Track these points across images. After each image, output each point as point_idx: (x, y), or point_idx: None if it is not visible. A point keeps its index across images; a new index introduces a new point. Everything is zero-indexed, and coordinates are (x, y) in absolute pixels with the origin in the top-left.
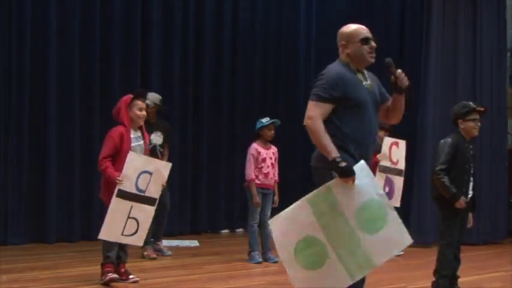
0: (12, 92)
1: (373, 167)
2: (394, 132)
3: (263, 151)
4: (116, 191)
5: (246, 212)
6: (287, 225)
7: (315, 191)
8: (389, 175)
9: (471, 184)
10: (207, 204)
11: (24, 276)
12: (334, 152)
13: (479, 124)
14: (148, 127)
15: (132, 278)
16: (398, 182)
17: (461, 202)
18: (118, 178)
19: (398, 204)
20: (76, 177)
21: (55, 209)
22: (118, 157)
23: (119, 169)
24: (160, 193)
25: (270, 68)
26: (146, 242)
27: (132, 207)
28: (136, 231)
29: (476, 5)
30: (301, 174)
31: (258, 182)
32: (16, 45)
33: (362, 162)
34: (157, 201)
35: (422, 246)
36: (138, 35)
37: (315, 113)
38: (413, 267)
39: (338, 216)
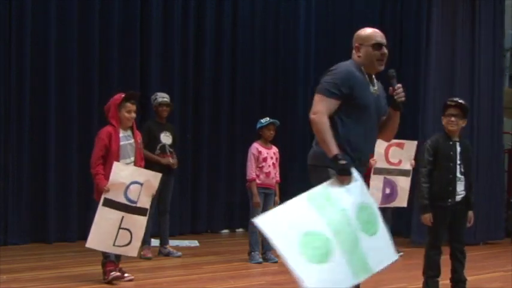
0: (11, 92)
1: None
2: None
3: (264, 150)
4: (101, 199)
5: (246, 212)
6: (285, 222)
7: (312, 189)
8: (388, 176)
9: (461, 183)
10: (207, 204)
11: (24, 276)
12: (335, 149)
13: (453, 119)
14: (158, 126)
15: (127, 276)
16: (403, 182)
17: (426, 218)
18: (105, 188)
19: (405, 204)
20: (76, 177)
21: (55, 209)
22: (108, 157)
23: (109, 170)
24: (150, 203)
25: (270, 68)
26: (144, 242)
27: (123, 217)
28: (130, 242)
29: (475, 7)
30: (301, 175)
31: (259, 182)
32: (16, 45)
33: (353, 169)
34: (148, 211)
35: (423, 246)
36: (138, 34)
37: (322, 108)
38: (413, 267)
39: (341, 212)
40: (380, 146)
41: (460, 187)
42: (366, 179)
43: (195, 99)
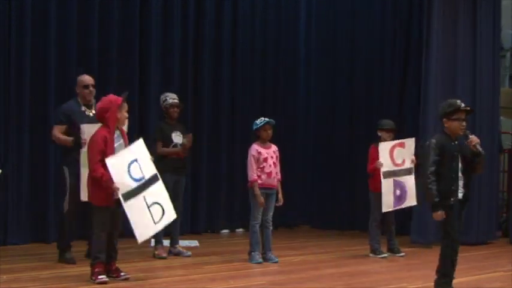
0: (11, 92)
1: (378, 175)
2: (398, 132)
3: (263, 151)
4: (120, 198)
5: (246, 212)
6: None
7: None
8: (396, 178)
9: (462, 182)
10: (207, 204)
11: (24, 276)
12: None
13: (464, 124)
14: (170, 127)
15: (123, 275)
16: (410, 180)
17: (438, 215)
18: (115, 187)
19: (415, 202)
20: None
21: (55, 209)
22: (104, 160)
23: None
24: (152, 163)
25: (270, 68)
26: (157, 242)
27: (144, 197)
28: (163, 211)
29: (476, 7)
30: (301, 174)
31: (261, 182)
32: (16, 45)
33: None
34: (158, 174)
35: (423, 246)
36: (137, 34)
37: None
38: (413, 267)
39: None
40: (385, 149)
41: (461, 185)
42: (377, 184)
43: (194, 99)
